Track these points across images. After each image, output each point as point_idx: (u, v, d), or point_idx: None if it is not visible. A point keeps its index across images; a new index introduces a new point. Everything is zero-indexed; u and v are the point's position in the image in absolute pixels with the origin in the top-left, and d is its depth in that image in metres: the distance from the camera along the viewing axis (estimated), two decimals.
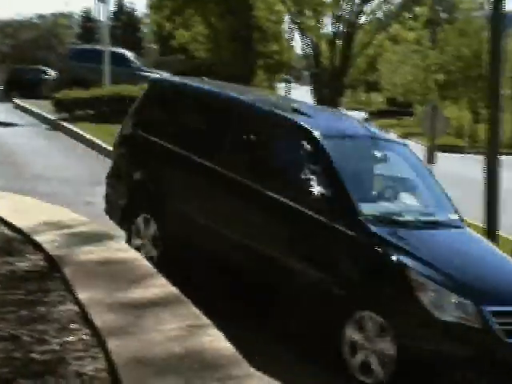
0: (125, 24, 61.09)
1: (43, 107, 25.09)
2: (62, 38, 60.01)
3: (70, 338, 4.10)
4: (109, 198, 10.23)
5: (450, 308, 7.25)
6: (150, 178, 9.76)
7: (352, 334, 7.39)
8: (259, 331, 7.86)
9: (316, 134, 8.65)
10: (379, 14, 19.30)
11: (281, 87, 42.72)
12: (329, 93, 18.65)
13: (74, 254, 5.84)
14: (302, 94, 24.77)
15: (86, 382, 3.57)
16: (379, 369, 7.20)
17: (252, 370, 3.75)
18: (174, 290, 5.03)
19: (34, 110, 25.36)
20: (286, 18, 25.94)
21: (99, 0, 31.49)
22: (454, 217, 8.77)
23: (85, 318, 4.33)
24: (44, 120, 23.69)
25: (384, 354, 7.18)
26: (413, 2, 19.89)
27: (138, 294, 4.84)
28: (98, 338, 4.00)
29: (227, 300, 8.44)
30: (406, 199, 8.89)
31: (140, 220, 9.48)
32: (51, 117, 23.53)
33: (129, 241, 9.28)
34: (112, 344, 3.86)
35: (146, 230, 9.41)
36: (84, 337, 4.12)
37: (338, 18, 18.79)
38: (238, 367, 3.71)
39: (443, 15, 48.48)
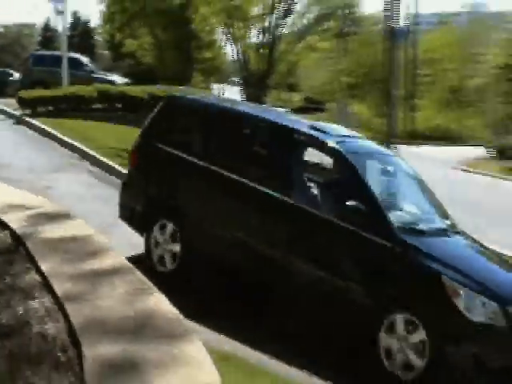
0: (81, 33, 60.49)
1: (9, 105, 24.79)
2: (25, 45, 62.01)
3: (34, 304, 4.04)
4: (125, 204, 9.54)
5: (480, 310, 7.03)
6: (167, 185, 9.21)
7: (386, 336, 7.12)
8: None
9: (343, 151, 8.24)
10: (297, 27, 19.35)
11: (215, 87, 42.60)
12: (255, 92, 18.64)
13: (37, 231, 5.75)
14: (233, 93, 24.86)
15: (49, 342, 3.51)
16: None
17: (189, 325, 3.73)
18: (124, 260, 5.00)
19: (1, 107, 24.99)
20: (219, 29, 25.84)
21: (57, 13, 30.94)
22: (450, 222, 8.51)
23: (46, 287, 4.26)
24: (10, 116, 23.39)
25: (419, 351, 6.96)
26: (324, 17, 19.98)
27: (94, 265, 4.78)
28: (59, 304, 3.93)
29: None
30: (413, 208, 8.50)
31: (158, 225, 8.86)
32: (16, 113, 23.26)
33: (148, 242, 8.88)
34: (70, 308, 3.80)
35: (164, 233, 8.83)
36: (46, 303, 4.05)
37: (263, 30, 18.78)
38: (178, 324, 3.69)
39: (350, 29, 48.91)
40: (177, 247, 8.71)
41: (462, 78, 53.57)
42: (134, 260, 5.55)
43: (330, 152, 8.35)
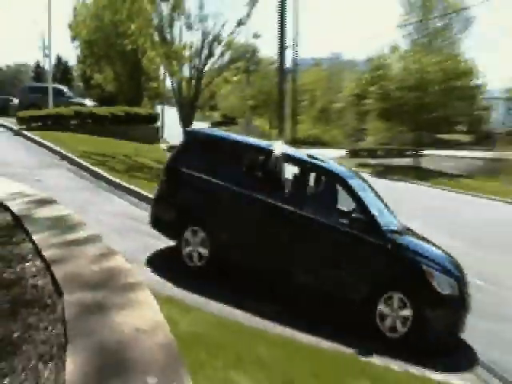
0: (62, 70, 58.96)
1: (10, 122, 24.33)
2: (21, 79, 64.63)
3: (28, 265, 3.97)
4: (156, 214, 8.78)
5: (446, 285, 7.13)
6: (194, 200, 8.40)
7: (382, 307, 7.12)
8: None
9: (343, 176, 8.07)
10: (216, 66, 19.31)
11: (158, 108, 41.84)
12: (187, 111, 18.53)
13: (31, 213, 5.63)
14: (172, 112, 24.65)
15: (39, 291, 3.46)
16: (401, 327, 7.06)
17: (141, 279, 3.71)
18: (94, 232, 4.93)
19: (5, 123, 24.39)
20: (161, 66, 25.55)
21: (45, 56, 31.77)
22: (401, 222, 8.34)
23: (37, 252, 4.19)
24: (11, 130, 22.78)
25: (405, 318, 7.02)
26: (235, 59, 19.99)
27: (72, 236, 4.71)
28: (46, 264, 3.88)
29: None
30: (380, 212, 8.10)
31: (190, 230, 8.20)
32: (15, 127, 22.69)
33: (180, 245, 8.28)
34: (55, 267, 3.75)
35: (195, 237, 8.17)
36: (37, 263, 3.98)
37: (192, 67, 18.67)
38: (131, 277, 3.68)
39: (253, 67, 48.93)
40: (205, 251, 8.14)
41: (328, 102, 54.46)
42: (103, 231, 5.49)
43: (334, 178, 8.09)
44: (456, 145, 41.32)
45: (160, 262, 8.14)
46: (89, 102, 31.69)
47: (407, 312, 7.01)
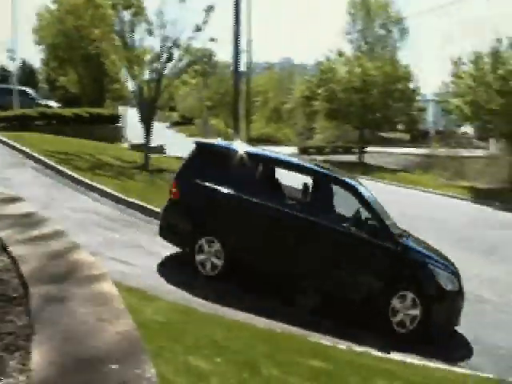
0: (27, 72, 57.14)
1: None
2: None
3: None
4: (166, 224, 8.36)
5: (449, 282, 7.25)
6: (207, 210, 8.02)
7: (395, 304, 7.18)
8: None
9: (353, 185, 7.98)
10: (175, 69, 19.17)
11: (120, 109, 41.15)
12: (148, 112, 18.32)
13: None
14: (134, 113, 24.30)
15: (5, 284, 3.38)
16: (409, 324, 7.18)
17: (104, 270, 3.66)
18: (58, 227, 4.82)
19: None
20: (123, 69, 25.24)
21: (10, 59, 32.03)
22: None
23: (4, 248, 4.07)
24: None
25: (413, 316, 7.13)
26: (193, 63, 19.82)
27: (37, 232, 4.60)
28: (13, 260, 3.78)
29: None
30: (387, 217, 8.00)
31: (204, 241, 7.87)
32: None
33: (193, 255, 7.92)
34: (21, 262, 3.66)
35: (209, 248, 7.85)
36: (4, 259, 3.88)
37: (152, 70, 18.47)
38: (95, 269, 3.63)
39: (210, 70, 48.71)
40: (218, 261, 7.84)
41: (280, 103, 54.70)
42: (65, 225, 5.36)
43: (347, 187, 7.94)
44: (396, 142, 42.28)
45: (125, 255, 8.04)
46: (54, 104, 30.98)
47: (416, 311, 7.15)
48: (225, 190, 7.95)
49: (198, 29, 18.23)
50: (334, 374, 4.80)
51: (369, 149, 35.58)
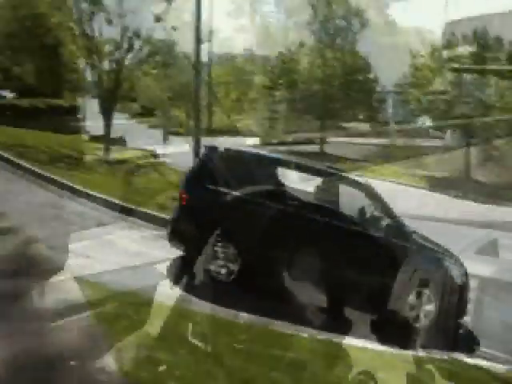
0: None
1: None
2: None
3: None
4: (177, 229, 8.04)
5: (459, 275, 7.40)
6: (220, 215, 7.74)
7: (411, 300, 7.26)
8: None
9: (368, 184, 7.88)
10: (136, 59, 18.93)
11: (79, 100, 40.34)
12: (108, 103, 18.06)
13: None
14: (93, 104, 23.84)
15: None
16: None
17: (60, 264, 3.63)
18: (16, 222, 4.74)
19: None
20: (82, 59, 24.80)
21: None
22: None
23: None
24: None
25: (429, 311, 7.24)
26: (153, 53, 19.60)
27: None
28: None
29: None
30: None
31: (219, 245, 7.56)
32: None
33: (205, 259, 7.54)
34: None
35: (225, 253, 7.55)
36: None
37: (112, 61, 18.18)
38: (52, 264, 3.60)
39: (171, 61, 48.13)
40: (234, 267, 7.55)
41: (241, 93, 54.54)
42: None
43: (362, 187, 7.88)
44: (357, 133, 42.81)
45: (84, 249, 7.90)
46: (8, 94, 30.05)
47: (431, 307, 7.30)
48: (238, 194, 7.78)
49: (159, 19, 18.02)
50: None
51: (330, 139, 35.98)
